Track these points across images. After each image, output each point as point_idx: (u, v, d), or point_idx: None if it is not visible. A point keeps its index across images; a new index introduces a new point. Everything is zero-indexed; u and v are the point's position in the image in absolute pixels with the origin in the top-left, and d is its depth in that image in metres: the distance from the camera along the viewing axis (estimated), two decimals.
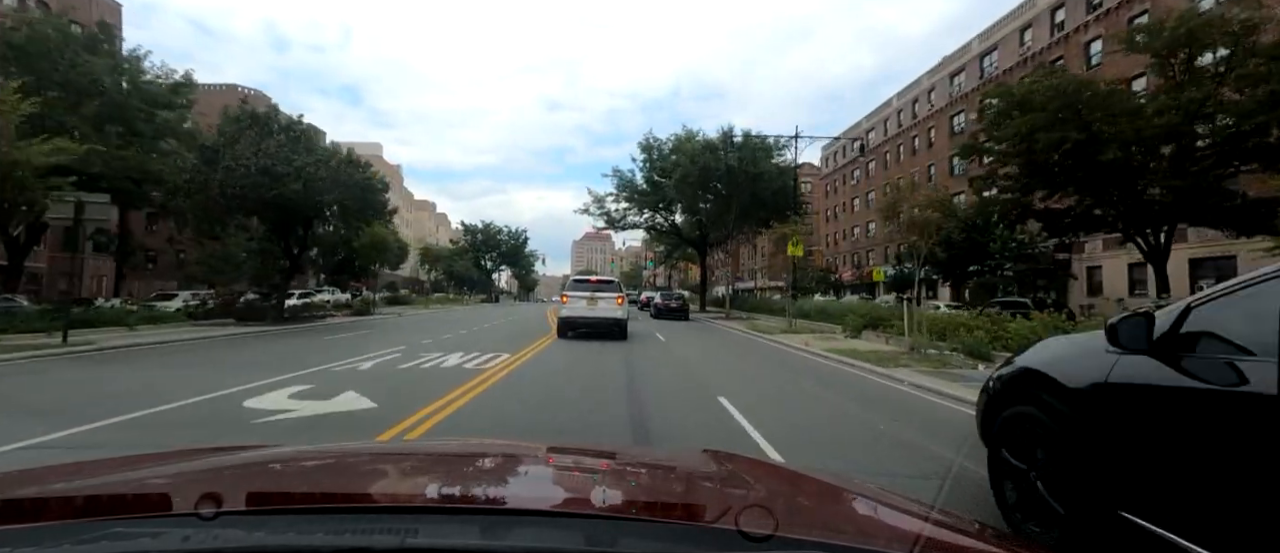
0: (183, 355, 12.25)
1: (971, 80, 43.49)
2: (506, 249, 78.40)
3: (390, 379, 8.99)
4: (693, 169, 31.94)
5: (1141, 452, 2.39)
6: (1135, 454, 2.41)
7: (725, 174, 31.31)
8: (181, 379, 8.66)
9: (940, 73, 47.76)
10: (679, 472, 1.64)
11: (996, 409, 3.34)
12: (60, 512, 1.03)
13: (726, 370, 11.42)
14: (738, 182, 31.59)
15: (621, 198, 45.19)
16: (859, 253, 58.34)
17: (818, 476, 1.68)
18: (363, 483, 1.42)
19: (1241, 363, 2.12)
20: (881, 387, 9.26)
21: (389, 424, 6.01)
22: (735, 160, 31.09)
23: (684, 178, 32.26)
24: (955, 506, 1.39)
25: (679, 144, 34.83)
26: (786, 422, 6.49)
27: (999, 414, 3.30)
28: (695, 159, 32.15)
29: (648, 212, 46.38)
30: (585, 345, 15.08)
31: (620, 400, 7.44)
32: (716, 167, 31.57)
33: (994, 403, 3.38)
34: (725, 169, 31.23)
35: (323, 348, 14.01)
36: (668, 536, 0.94)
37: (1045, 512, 2.84)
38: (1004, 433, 3.25)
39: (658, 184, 42.57)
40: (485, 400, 7.39)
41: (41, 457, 4.66)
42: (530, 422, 6.35)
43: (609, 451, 2.23)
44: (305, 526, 0.91)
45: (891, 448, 5.43)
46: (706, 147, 32.94)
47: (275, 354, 12.48)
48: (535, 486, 1.48)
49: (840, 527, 1.19)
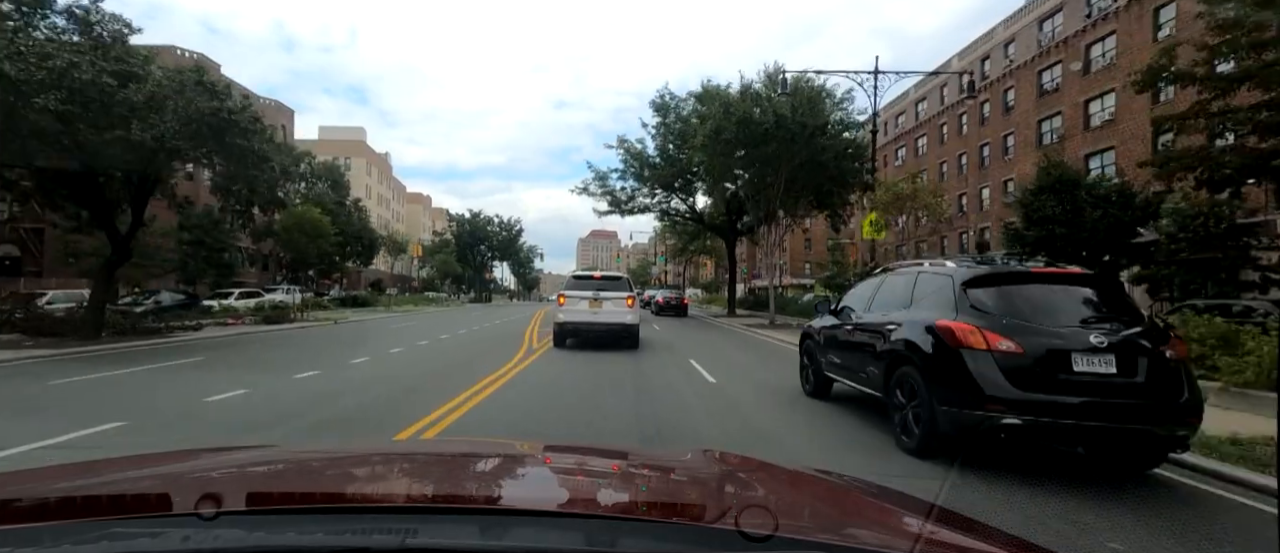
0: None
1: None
2: (498, 242, 68.73)
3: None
4: (727, 122, 23.03)
5: (829, 349, 7.37)
6: (828, 350, 7.42)
7: (774, 126, 22.40)
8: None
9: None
10: (679, 472, 1.62)
11: (801, 341, 8.75)
12: (60, 512, 1.03)
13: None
14: (791, 137, 22.71)
15: (629, 175, 36.35)
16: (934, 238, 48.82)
17: (818, 475, 1.65)
18: (363, 483, 1.40)
19: (854, 315, 6.92)
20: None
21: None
22: (788, 107, 22.20)
23: (715, 133, 23.32)
24: (956, 506, 1.38)
25: (706, 93, 25.74)
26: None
27: (802, 344, 8.67)
28: (731, 109, 23.24)
29: (660, 192, 37.52)
30: (579, 372, 7.74)
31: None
32: (761, 119, 22.74)
33: (801, 339, 8.75)
34: (774, 118, 22.34)
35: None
36: (668, 536, 0.94)
37: (813, 376, 8.01)
38: (801, 351, 8.71)
39: (674, 158, 33.72)
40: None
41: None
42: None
43: (609, 450, 2.27)
44: (305, 526, 0.90)
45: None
46: (747, 93, 24.00)
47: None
48: (535, 486, 1.46)
49: (840, 527, 1.18)
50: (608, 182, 36.52)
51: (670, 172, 33.40)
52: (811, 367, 8.02)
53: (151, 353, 13.19)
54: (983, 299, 4.95)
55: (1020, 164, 37.12)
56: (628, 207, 37.31)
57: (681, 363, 11.86)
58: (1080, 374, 4.41)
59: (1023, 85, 38.14)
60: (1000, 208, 38.52)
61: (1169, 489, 4.51)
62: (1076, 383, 4.39)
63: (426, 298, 54.31)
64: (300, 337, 18.23)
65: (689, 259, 60.98)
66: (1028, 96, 37.54)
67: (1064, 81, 34.61)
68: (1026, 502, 4.03)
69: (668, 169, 33.59)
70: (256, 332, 19.45)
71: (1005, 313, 4.79)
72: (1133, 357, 4.47)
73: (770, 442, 5.95)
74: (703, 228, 40.26)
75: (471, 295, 69.03)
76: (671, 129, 33.38)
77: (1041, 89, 36.59)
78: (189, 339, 16.45)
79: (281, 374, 9.85)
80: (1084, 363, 4.43)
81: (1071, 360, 4.43)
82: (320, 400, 7.61)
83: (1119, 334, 4.54)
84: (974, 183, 43.28)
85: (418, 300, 51.40)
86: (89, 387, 8.65)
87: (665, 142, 34.12)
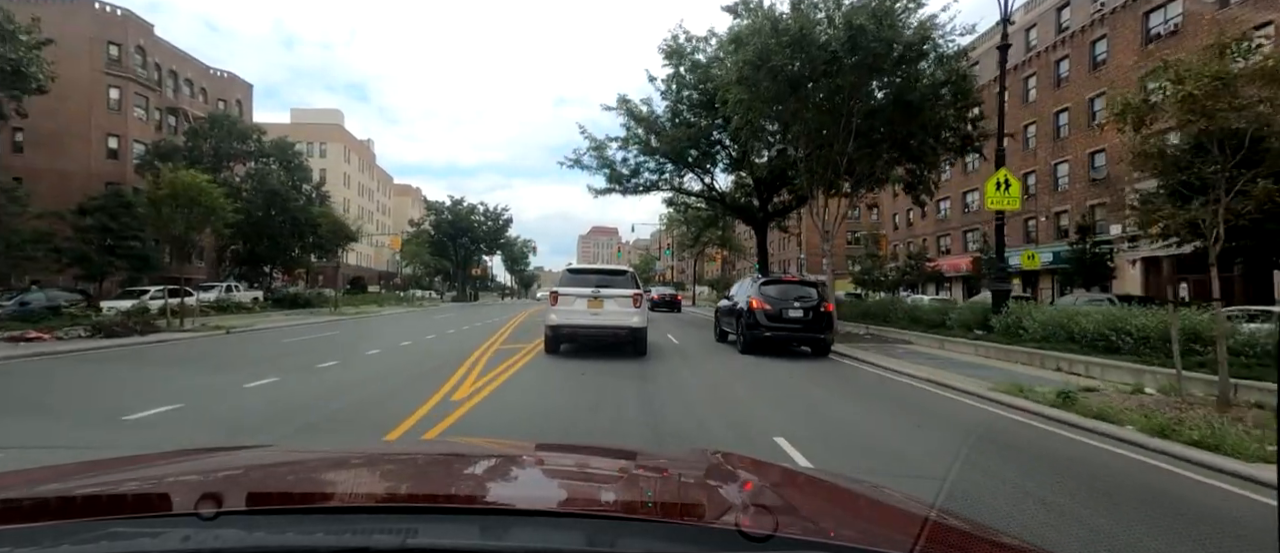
0: None
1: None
2: (483, 233, 60.81)
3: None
4: (775, 45, 15.65)
5: (725, 320, 15.83)
6: (724, 320, 15.97)
7: (846, 46, 15.08)
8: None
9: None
10: (679, 472, 1.61)
11: (716, 314, 16.90)
12: (60, 512, 1.02)
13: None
14: (870, 65, 15.38)
15: (631, 144, 28.95)
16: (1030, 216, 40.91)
17: (818, 475, 1.72)
18: (363, 483, 1.39)
19: (734, 301, 14.90)
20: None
21: None
22: (869, 17, 14.86)
23: (759, 59, 15.95)
24: (956, 506, 1.37)
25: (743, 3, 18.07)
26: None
27: (716, 313, 17.14)
28: (782, 28, 15.85)
29: (671, 167, 30.16)
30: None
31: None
32: (826, 39, 15.43)
33: (717, 312, 16.91)
34: (847, 37, 15.00)
35: None
36: (668, 535, 0.93)
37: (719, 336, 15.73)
38: (717, 318, 17.13)
39: (690, 120, 26.38)
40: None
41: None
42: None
43: (609, 450, 2.26)
44: (305, 525, 0.90)
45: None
46: (802, 4, 16.55)
47: None
48: (535, 485, 1.46)
49: (840, 527, 1.17)
50: (605, 152, 29.12)
51: (686, 135, 26.00)
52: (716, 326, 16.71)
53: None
54: (765, 289, 13.57)
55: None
56: (630, 184, 29.95)
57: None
58: (791, 318, 12.92)
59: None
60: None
61: (833, 362, 12.42)
62: (789, 320, 12.91)
63: (398, 297, 46.87)
64: (74, 369, 11.00)
65: (700, 251, 53.46)
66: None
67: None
68: (782, 360, 12.55)
69: (683, 134, 26.20)
70: (48, 354, 12.20)
71: (768, 295, 13.27)
72: (810, 312, 12.98)
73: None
74: (724, 211, 32.76)
75: (453, 294, 61.15)
76: (685, 83, 26.02)
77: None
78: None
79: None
80: (791, 313, 12.95)
81: (786, 312, 12.93)
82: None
83: (805, 304, 13.06)
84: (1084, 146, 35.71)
85: (385, 300, 44.01)
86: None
87: (678, 101, 26.76)
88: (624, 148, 29.30)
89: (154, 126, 42.71)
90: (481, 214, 59.14)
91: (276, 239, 39.80)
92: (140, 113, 41.66)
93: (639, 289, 12.36)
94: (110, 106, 39.59)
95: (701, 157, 28.88)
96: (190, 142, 39.36)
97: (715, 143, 27.80)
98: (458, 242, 56.88)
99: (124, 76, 39.97)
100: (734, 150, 27.64)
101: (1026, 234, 37.63)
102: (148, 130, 41.70)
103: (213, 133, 40.05)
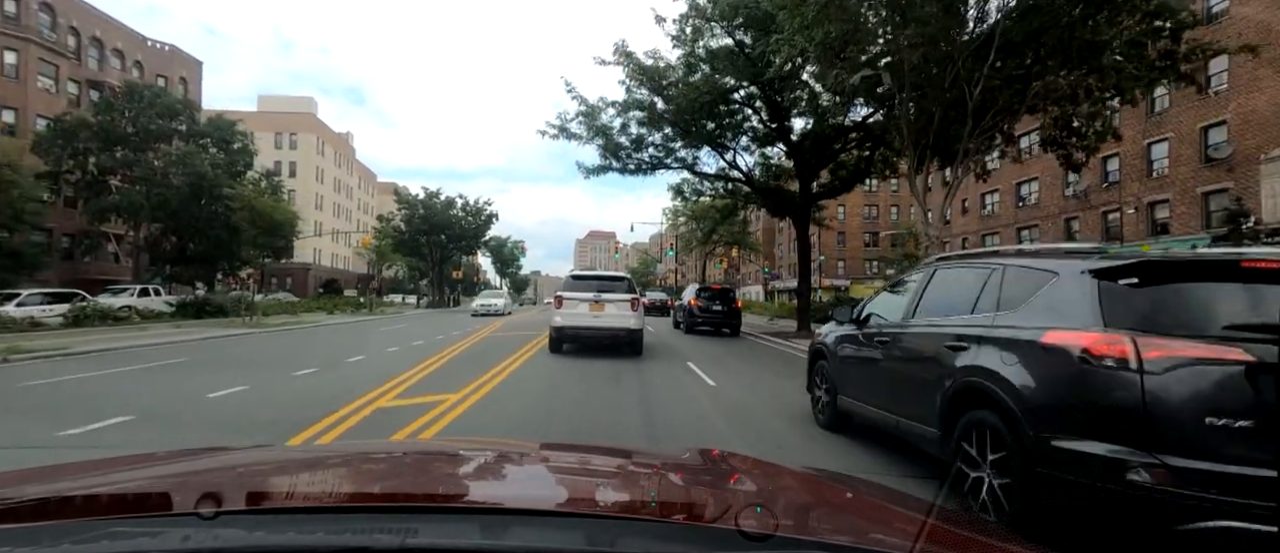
0: None
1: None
2: (463, 229, 53.81)
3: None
4: None
5: (677, 313, 23.70)
6: (677, 313, 23.90)
7: None
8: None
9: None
10: (679, 472, 1.61)
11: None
12: (60, 512, 1.01)
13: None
14: None
15: (632, 110, 22.45)
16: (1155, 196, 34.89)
17: (817, 475, 1.64)
18: (363, 483, 1.39)
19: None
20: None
21: None
22: None
23: None
24: (956, 506, 1.40)
25: None
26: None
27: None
28: None
29: (681, 142, 23.61)
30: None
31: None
32: None
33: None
34: None
35: None
36: (667, 535, 0.93)
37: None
38: (672, 312, 26.58)
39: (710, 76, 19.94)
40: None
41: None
42: None
43: (609, 450, 2.25)
44: (305, 525, 0.90)
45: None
46: None
47: None
48: (535, 485, 1.46)
49: (840, 526, 1.18)
50: (598, 118, 22.57)
51: (709, 88, 19.47)
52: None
53: None
54: (700, 293, 23.13)
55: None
56: (631, 160, 23.47)
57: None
58: (715, 311, 21.26)
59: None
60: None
61: (743, 340, 19.42)
62: (713, 313, 21.19)
63: (358, 303, 40.15)
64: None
65: (710, 251, 46.77)
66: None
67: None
68: (708, 337, 19.81)
69: (703, 88, 19.69)
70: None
71: (701, 297, 22.15)
72: (724, 307, 21.33)
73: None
74: (754, 195, 26.13)
75: (427, 300, 54.08)
76: (698, 29, 19.59)
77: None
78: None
79: None
80: (715, 308, 21.32)
81: (711, 307, 21.42)
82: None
83: (725, 302, 21.46)
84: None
85: (340, 306, 37.27)
86: None
87: (694, 47, 20.30)
88: (623, 114, 22.83)
89: (66, 101, 36.14)
90: (460, 209, 52.08)
91: (206, 233, 33.24)
92: (47, 82, 35.09)
93: (636, 294, 13.42)
94: (5, 73, 33.00)
95: (720, 129, 22.37)
96: (102, 116, 32.76)
97: (743, 104, 21.34)
98: (432, 239, 49.92)
99: (22, 37, 33.38)
100: (766, 113, 21.15)
101: (1106, 230, 31.38)
102: (57, 104, 35.14)
103: (131, 106, 33.45)
